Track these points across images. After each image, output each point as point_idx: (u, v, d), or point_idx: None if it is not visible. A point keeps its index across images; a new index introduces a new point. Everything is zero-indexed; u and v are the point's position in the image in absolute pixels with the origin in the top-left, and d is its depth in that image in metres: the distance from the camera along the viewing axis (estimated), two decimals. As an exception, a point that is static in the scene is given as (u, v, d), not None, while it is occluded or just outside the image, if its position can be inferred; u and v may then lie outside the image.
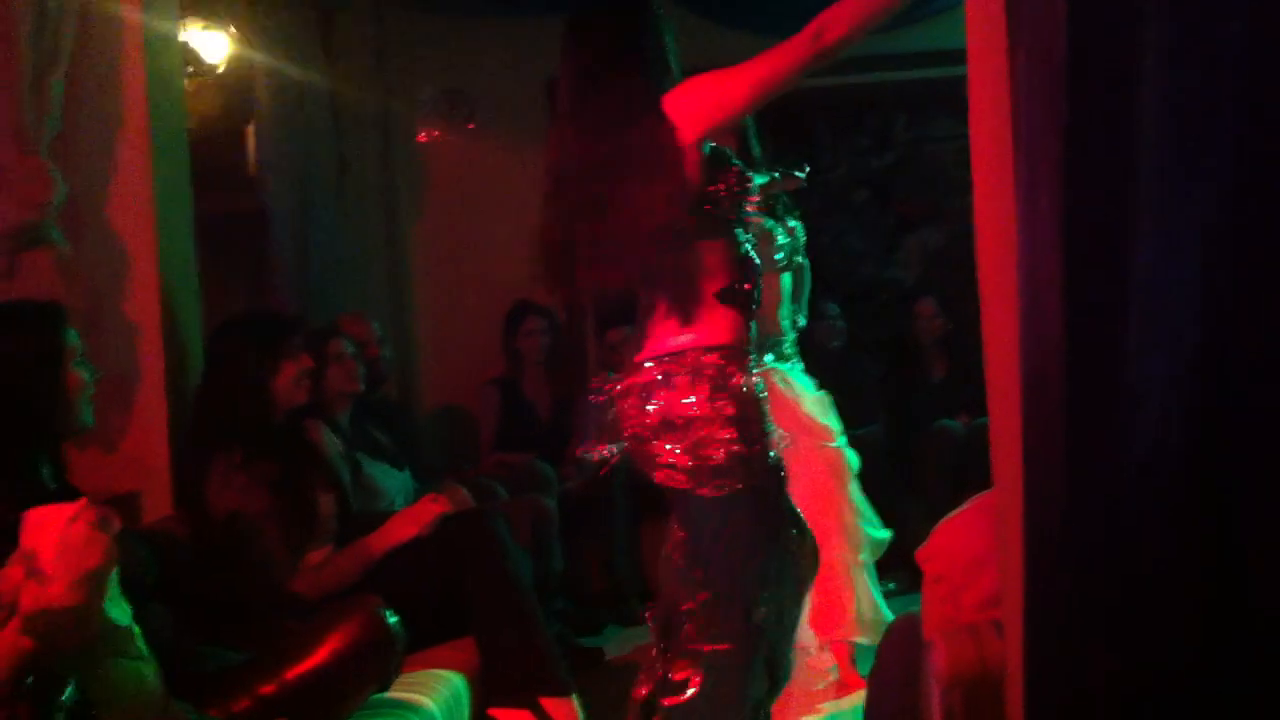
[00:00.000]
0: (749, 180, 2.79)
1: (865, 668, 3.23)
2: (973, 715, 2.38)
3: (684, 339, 2.71)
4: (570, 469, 5.99)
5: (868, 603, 4.12)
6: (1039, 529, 1.89)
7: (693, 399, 2.67)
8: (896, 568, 4.73)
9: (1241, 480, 1.66)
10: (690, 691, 2.67)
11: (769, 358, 4.03)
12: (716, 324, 2.72)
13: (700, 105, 2.69)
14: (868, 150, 3.19)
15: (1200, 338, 1.63)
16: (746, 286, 2.76)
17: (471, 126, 6.69)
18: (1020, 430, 1.93)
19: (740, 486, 2.66)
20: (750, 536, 2.69)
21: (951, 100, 4.51)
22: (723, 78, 2.69)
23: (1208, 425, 1.65)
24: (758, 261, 2.81)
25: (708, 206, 2.71)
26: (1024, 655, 1.98)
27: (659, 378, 2.70)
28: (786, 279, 4.13)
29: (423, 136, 6.71)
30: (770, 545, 2.73)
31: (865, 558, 4.18)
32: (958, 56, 2.28)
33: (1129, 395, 1.69)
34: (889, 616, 3.98)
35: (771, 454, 2.73)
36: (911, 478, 5.86)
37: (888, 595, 4.35)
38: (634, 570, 5.79)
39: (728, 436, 2.65)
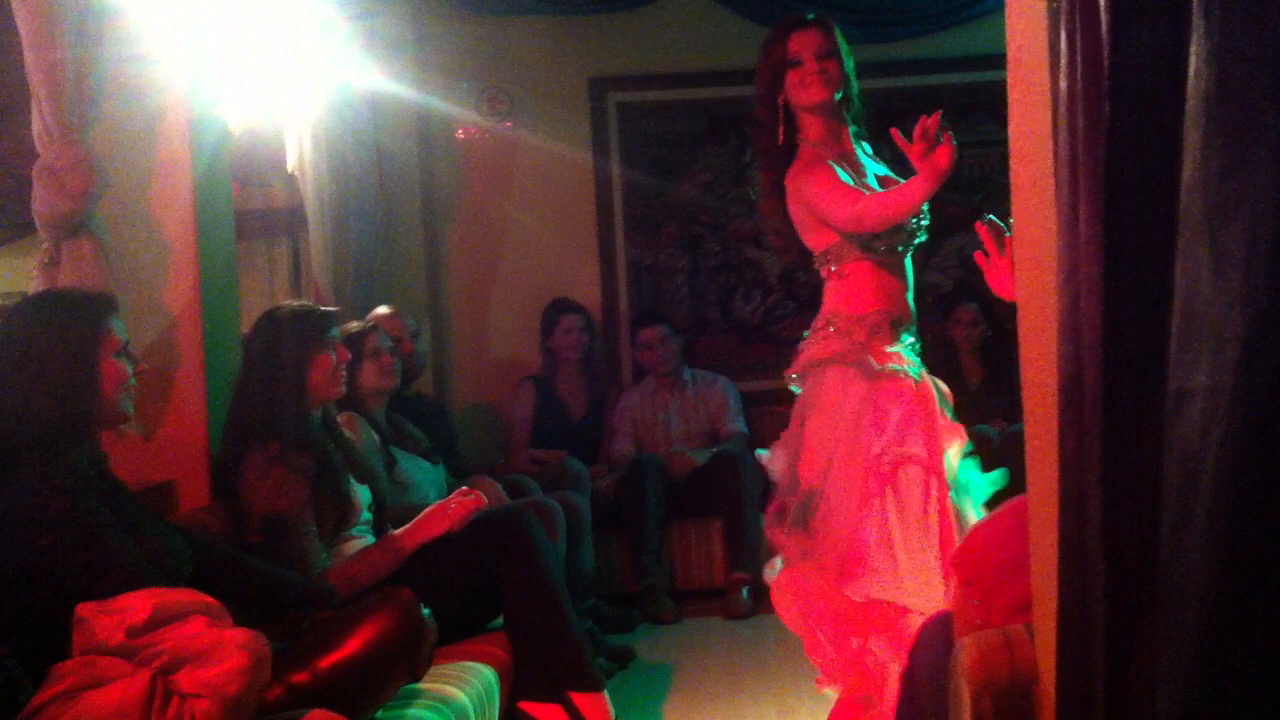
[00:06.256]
0: None
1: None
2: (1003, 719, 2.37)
3: None
4: (602, 467, 6.01)
5: None
6: (1073, 535, 1.89)
7: None
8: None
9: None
10: None
11: None
12: None
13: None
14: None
15: (1243, 344, 1.62)
16: None
17: (510, 125, 6.69)
18: (1056, 435, 1.93)
19: None
20: None
21: (993, 105, 4.49)
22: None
23: (1248, 433, 1.63)
24: None
25: None
26: (1056, 661, 1.97)
27: None
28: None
29: (461, 134, 6.71)
30: None
31: None
32: (999, 61, 2.28)
33: (1167, 401, 1.68)
34: None
35: None
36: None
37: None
38: (665, 570, 5.80)
39: None
